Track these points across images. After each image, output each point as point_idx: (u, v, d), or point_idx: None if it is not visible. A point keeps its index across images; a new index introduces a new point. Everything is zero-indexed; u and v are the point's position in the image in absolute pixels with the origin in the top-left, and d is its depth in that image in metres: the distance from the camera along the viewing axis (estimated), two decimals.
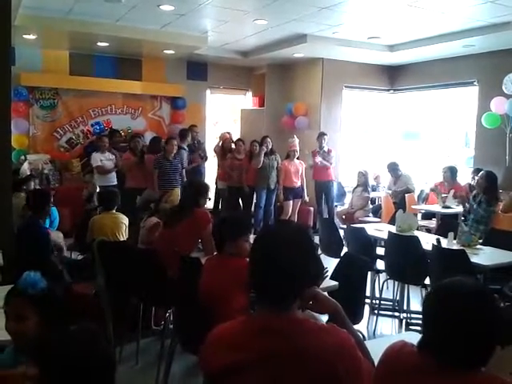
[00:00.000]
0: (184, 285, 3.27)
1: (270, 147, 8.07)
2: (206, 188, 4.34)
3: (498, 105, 7.52)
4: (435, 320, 1.38)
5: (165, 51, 8.58)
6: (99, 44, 8.01)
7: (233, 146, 8.52)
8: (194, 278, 3.27)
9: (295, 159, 8.25)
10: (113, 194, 5.01)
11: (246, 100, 10.72)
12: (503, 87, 7.52)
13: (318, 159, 8.25)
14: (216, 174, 8.90)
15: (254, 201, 8.27)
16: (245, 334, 1.49)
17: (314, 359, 1.39)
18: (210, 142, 9.69)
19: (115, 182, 7.46)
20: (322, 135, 8.38)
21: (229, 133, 9.12)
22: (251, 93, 10.61)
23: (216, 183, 8.75)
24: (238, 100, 10.86)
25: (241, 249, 2.90)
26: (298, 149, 8.24)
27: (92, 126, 8.95)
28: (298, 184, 8.26)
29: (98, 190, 7.04)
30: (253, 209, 8.21)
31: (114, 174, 7.60)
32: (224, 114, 11.06)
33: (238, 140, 8.54)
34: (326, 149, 8.34)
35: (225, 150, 8.54)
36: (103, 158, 7.55)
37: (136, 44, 8.02)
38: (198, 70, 9.74)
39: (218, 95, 10.48)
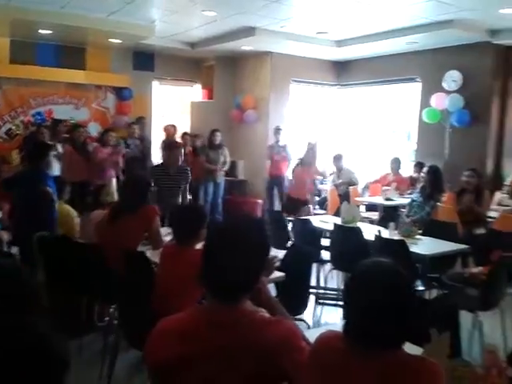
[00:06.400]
0: (129, 280, 3.21)
1: (217, 141, 8.06)
2: (150, 183, 4.34)
3: (438, 100, 7.80)
4: (353, 302, 1.42)
5: (110, 40, 8.35)
6: (41, 31, 7.69)
7: (178, 139, 8.43)
8: (139, 272, 3.23)
9: (311, 166, 7.34)
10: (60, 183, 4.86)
11: (195, 92, 10.62)
12: (444, 84, 7.81)
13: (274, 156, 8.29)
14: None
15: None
16: (192, 326, 1.48)
17: (259, 351, 1.41)
18: (157, 134, 9.55)
19: (56, 174, 7.15)
20: (278, 130, 8.45)
21: (173, 126, 9.03)
22: (200, 85, 10.52)
23: None
24: (186, 92, 10.75)
25: (202, 239, 2.91)
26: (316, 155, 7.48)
27: (33, 116, 8.61)
28: (306, 196, 7.30)
29: None
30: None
31: (57, 166, 7.29)
32: (172, 105, 10.91)
33: (184, 134, 8.45)
34: (281, 143, 8.42)
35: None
36: None
37: (80, 32, 7.75)
38: (145, 60, 9.56)
39: (166, 86, 10.34)
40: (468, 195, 5.53)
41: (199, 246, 2.89)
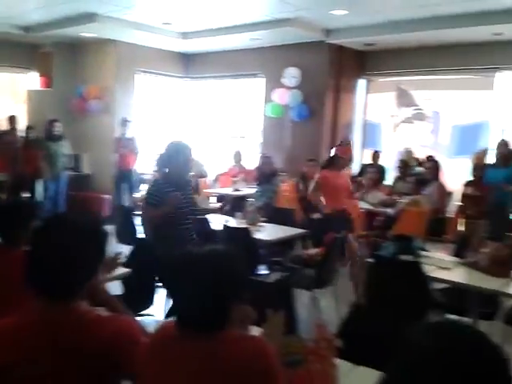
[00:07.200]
0: None
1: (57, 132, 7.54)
2: None
3: (280, 96, 8.23)
4: (178, 289, 1.43)
5: None
6: None
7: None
8: None
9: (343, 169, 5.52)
10: None
11: (30, 79, 9.77)
12: (284, 80, 8.25)
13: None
14: None
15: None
16: (21, 330, 1.38)
17: (95, 349, 1.36)
18: None
19: None
20: (125, 122, 8.17)
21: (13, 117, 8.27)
22: (36, 72, 9.70)
23: None
24: (21, 80, 9.84)
25: None
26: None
27: None
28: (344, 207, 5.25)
29: None
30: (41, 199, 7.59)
31: None
32: (4, 94, 9.91)
33: (12, 129, 7.79)
34: (129, 136, 8.17)
35: None
36: None
37: None
38: None
39: None
40: (308, 183, 5.95)
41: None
